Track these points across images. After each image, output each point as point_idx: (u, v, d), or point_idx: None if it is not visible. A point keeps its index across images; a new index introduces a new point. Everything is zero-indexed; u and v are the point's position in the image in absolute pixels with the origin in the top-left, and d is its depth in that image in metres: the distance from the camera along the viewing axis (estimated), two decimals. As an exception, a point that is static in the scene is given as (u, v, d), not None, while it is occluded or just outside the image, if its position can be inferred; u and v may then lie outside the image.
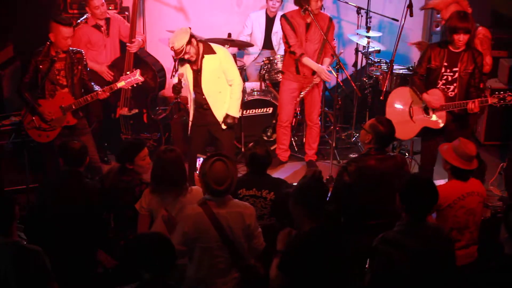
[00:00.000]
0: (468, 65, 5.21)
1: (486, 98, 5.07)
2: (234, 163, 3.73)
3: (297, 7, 6.08)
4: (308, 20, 6.03)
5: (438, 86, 5.30)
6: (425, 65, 5.34)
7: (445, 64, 5.26)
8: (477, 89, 5.25)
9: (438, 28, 7.80)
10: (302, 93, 6.29)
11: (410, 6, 6.08)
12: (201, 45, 5.38)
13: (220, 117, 5.57)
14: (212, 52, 5.41)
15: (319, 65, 6.11)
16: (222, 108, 5.56)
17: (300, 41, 6.10)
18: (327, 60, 6.23)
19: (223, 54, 5.48)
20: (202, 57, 5.37)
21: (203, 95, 5.50)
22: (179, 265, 3.93)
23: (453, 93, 5.29)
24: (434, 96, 5.28)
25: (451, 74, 5.26)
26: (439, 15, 7.68)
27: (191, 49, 5.25)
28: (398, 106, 5.57)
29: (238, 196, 4.18)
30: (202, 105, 5.56)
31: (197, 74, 5.45)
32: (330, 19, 6.21)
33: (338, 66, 6.05)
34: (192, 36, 5.24)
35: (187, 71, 5.48)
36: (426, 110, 5.39)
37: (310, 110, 6.49)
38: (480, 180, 4.45)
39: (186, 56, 5.27)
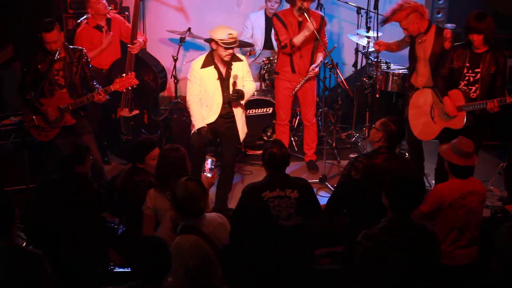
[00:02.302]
0: (490, 66, 5.17)
1: (505, 97, 5.06)
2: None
3: (289, 7, 6.14)
4: (300, 19, 6.06)
5: (460, 86, 5.28)
6: (448, 66, 5.31)
7: (467, 64, 5.23)
8: (502, 89, 5.21)
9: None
10: (295, 89, 6.28)
11: None
12: None
13: (240, 129, 5.53)
14: (239, 59, 5.44)
15: (305, 29, 5.97)
16: (242, 126, 5.56)
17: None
18: (320, 55, 6.26)
19: (245, 60, 5.54)
20: (231, 64, 5.38)
21: (231, 105, 5.45)
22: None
23: (475, 94, 5.25)
24: (451, 102, 5.24)
25: (473, 75, 5.24)
26: (440, 15, 7.74)
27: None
28: (421, 107, 5.54)
29: (262, 199, 4.13)
30: (227, 113, 5.49)
31: (225, 82, 5.40)
32: (322, 18, 6.25)
33: (331, 65, 6.03)
34: None
35: (208, 76, 5.39)
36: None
37: (305, 110, 6.50)
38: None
39: (230, 51, 5.26)
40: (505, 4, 7.22)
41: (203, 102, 5.43)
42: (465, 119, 5.24)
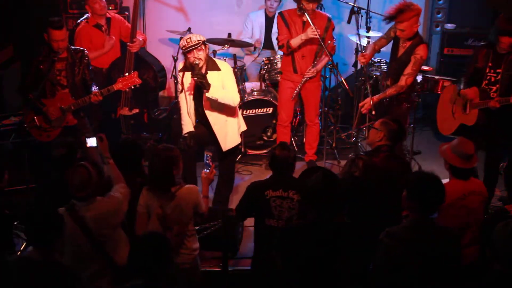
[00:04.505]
0: (511, 67, 5.26)
1: (508, 97, 5.19)
2: (98, 169, 3.87)
3: (295, 6, 6.03)
4: (305, 19, 5.99)
5: (482, 86, 5.41)
6: (473, 65, 5.46)
7: (490, 64, 5.35)
8: None
9: (438, 28, 7.82)
10: (296, 90, 6.27)
11: None
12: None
13: (221, 139, 5.37)
14: (217, 68, 5.22)
15: (303, 34, 5.93)
16: (227, 135, 5.39)
17: None
18: (325, 59, 6.19)
19: (227, 70, 5.30)
20: (206, 72, 5.16)
21: (204, 112, 5.31)
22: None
23: (495, 94, 5.36)
24: (469, 91, 5.40)
25: (494, 75, 5.35)
26: (440, 15, 7.74)
27: (202, 53, 5.10)
28: (446, 102, 5.73)
29: (265, 198, 4.15)
30: (204, 119, 5.37)
31: (196, 89, 5.27)
32: (329, 19, 6.15)
33: (332, 66, 6.01)
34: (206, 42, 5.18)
35: (185, 80, 5.30)
36: (465, 107, 5.50)
37: (308, 110, 6.50)
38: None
39: (196, 55, 5.08)
40: (505, 4, 7.21)
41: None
42: (476, 116, 5.35)
